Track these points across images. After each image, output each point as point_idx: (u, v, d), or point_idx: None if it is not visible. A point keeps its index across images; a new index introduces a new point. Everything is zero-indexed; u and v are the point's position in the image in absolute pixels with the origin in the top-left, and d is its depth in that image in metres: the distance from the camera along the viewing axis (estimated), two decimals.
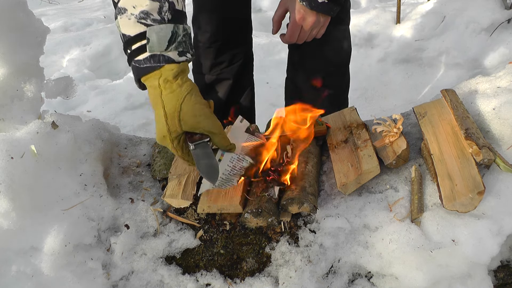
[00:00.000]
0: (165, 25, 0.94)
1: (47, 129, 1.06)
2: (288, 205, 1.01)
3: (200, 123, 0.95)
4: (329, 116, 1.30)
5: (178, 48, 0.95)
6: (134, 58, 0.96)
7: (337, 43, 1.56)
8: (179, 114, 0.94)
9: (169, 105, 0.94)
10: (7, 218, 0.94)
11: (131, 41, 0.96)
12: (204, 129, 0.96)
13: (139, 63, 0.96)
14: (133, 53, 0.96)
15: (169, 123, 0.94)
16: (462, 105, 1.11)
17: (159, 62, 0.95)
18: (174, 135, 0.95)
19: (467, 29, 2.59)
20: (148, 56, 0.94)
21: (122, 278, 1.03)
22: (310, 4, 1.23)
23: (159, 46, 0.94)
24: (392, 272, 0.95)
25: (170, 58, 0.95)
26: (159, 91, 0.95)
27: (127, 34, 0.96)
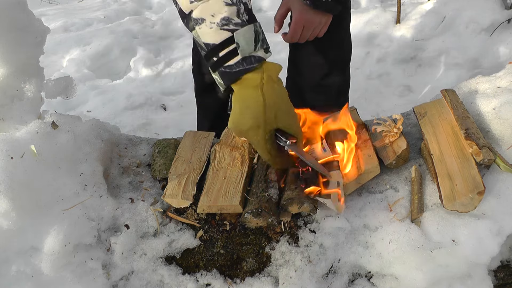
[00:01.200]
0: (247, 27, 0.95)
1: (47, 129, 1.06)
2: (288, 205, 1.01)
3: (292, 125, 1.00)
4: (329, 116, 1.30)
5: (263, 45, 0.98)
6: (224, 64, 0.97)
7: (338, 42, 1.56)
8: (277, 109, 0.97)
9: (270, 99, 0.96)
10: (7, 218, 0.94)
11: (217, 49, 0.96)
12: (294, 131, 1.00)
13: (231, 68, 0.96)
14: (222, 60, 0.96)
15: (267, 115, 0.96)
16: (462, 105, 1.11)
17: (251, 63, 0.96)
18: (269, 127, 0.97)
19: (467, 29, 2.58)
20: (240, 60, 0.95)
21: (122, 278, 1.03)
22: (314, 3, 1.22)
23: (249, 48, 0.95)
24: (392, 272, 0.95)
25: (260, 57, 0.97)
26: (259, 85, 0.96)
27: (211, 43, 0.96)
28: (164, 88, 2.81)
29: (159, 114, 2.56)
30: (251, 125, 0.97)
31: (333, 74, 1.60)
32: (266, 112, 0.96)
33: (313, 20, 1.28)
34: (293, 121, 1.01)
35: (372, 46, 2.86)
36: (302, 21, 1.28)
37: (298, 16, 1.28)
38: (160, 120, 2.50)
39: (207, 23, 0.94)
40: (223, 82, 1.00)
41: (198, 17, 0.95)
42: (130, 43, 3.34)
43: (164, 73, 3.00)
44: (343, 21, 1.54)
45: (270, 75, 0.98)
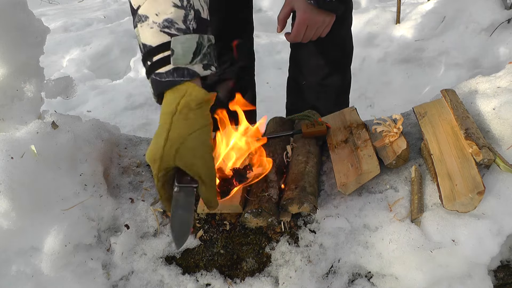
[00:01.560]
0: (190, 35, 0.86)
1: (47, 129, 1.06)
2: (288, 205, 1.01)
3: (195, 166, 0.83)
4: (329, 116, 1.30)
5: (203, 60, 0.88)
6: (155, 71, 0.87)
7: (340, 42, 1.57)
8: (180, 147, 0.83)
9: (175, 132, 0.83)
10: (7, 218, 0.94)
11: (152, 52, 0.87)
12: (196, 173, 0.84)
13: (161, 76, 0.86)
14: (155, 65, 0.87)
15: (166, 151, 0.83)
16: (462, 105, 1.11)
17: (182, 76, 0.86)
18: (164, 165, 0.83)
19: (467, 29, 2.59)
20: (171, 69, 0.86)
21: (122, 278, 1.03)
22: (317, 3, 1.22)
23: (184, 59, 0.85)
24: (392, 272, 0.95)
25: (195, 72, 0.87)
26: (172, 110, 0.85)
27: (148, 44, 0.87)
28: None
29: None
30: (150, 156, 0.84)
31: (334, 74, 1.60)
32: (166, 146, 0.82)
33: (317, 20, 1.28)
34: (199, 162, 0.83)
35: (372, 46, 2.86)
36: (306, 21, 1.28)
37: (302, 15, 1.28)
38: None
39: (149, 21, 0.86)
40: (153, 91, 0.90)
41: (143, 14, 0.87)
42: (130, 43, 3.34)
43: None
44: (345, 21, 1.54)
45: (188, 101, 0.84)
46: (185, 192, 0.86)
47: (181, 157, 0.82)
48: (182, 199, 0.86)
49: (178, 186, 0.85)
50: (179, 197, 0.86)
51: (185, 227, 0.87)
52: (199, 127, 0.84)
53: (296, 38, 1.33)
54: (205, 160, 0.84)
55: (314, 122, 1.22)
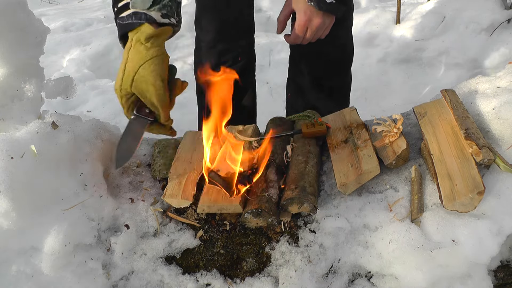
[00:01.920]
0: None
1: (47, 129, 1.06)
2: (288, 205, 1.01)
3: (147, 92, 0.96)
4: (329, 116, 1.30)
5: (162, 10, 0.97)
6: (119, 15, 0.99)
7: (341, 43, 1.56)
8: (134, 75, 0.95)
9: (130, 64, 0.96)
10: (7, 218, 0.94)
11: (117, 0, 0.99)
12: (149, 100, 0.96)
13: (122, 19, 0.98)
14: (119, 10, 0.99)
15: (124, 80, 0.96)
16: (462, 105, 1.11)
17: (140, 19, 0.96)
18: (123, 93, 0.98)
19: (467, 29, 2.59)
20: (131, 13, 0.97)
21: (122, 278, 1.03)
22: (318, 5, 1.22)
23: (142, 4, 0.96)
24: (392, 272, 0.95)
25: (151, 17, 0.96)
26: (129, 46, 0.97)
27: None
28: None
29: None
30: (115, 88, 0.99)
31: (334, 75, 1.60)
32: (124, 77, 0.96)
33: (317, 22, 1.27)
34: (151, 89, 0.95)
35: (372, 46, 2.86)
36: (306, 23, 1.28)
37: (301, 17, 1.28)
38: None
39: None
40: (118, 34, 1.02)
41: None
42: None
43: None
44: (346, 22, 1.54)
45: (139, 37, 0.96)
46: (139, 122, 1.00)
47: (136, 85, 0.95)
48: (134, 127, 1.01)
49: (134, 115, 0.99)
50: (132, 125, 1.01)
51: (129, 153, 1.03)
52: (149, 58, 0.95)
53: (295, 40, 1.33)
54: (155, 87, 0.95)
55: (314, 122, 1.22)
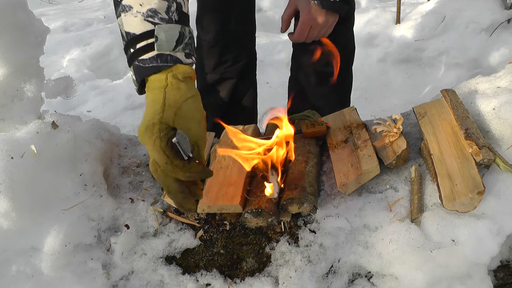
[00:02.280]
0: (173, 25, 0.90)
1: (47, 129, 1.06)
2: (288, 205, 1.01)
3: (191, 130, 0.88)
4: (329, 116, 1.30)
5: (185, 49, 0.92)
6: (138, 57, 0.91)
7: (343, 42, 1.56)
8: (177, 111, 0.87)
9: (171, 98, 0.88)
10: (7, 218, 0.94)
11: (135, 40, 0.91)
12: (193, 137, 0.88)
13: (144, 62, 0.90)
14: (138, 52, 0.91)
15: (165, 113, 0.87)
16: (462, 105, 1.11)
17: (166, 62, 0.90)
18: (164, 126, 0.86)
19: (467, 29, 2.59)
20: (155, 55, 0.89)
21: (122, 278, 1.03)
22: (322, 3, 1.22)
23: (167, 45, 0.89)
24: (392, 272, 0.95)
25: (178, 58, 0.91)
26: (164, 84, 0.89)
27: (132, 32, 0.91)
28: None
29: None
30: (147, 124, 0.86)
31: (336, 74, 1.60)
32: (165, 110, 0.87)
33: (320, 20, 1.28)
34: (194, 126, 0.88)
35: (372, 46, 2.86)
36: (309, 21, 1.29)
37: (305, 16, 1.28)
38: None
39: (133, 11, 0.90)
40: (135, 78, 0.93)
41: (126, 4, 0.91)
42: None
43: None
44: (348, 21, 1.54)
45: (175, 74, 0.90)
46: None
47: (179, 120, 0.87)
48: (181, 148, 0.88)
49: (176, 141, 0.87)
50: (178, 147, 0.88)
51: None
52: (191, 95, 0.90)
53: (299, 38, 1.34)
54: (199, 124, 0.90)
55: (314, 122, 1.22)
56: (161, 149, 0.86)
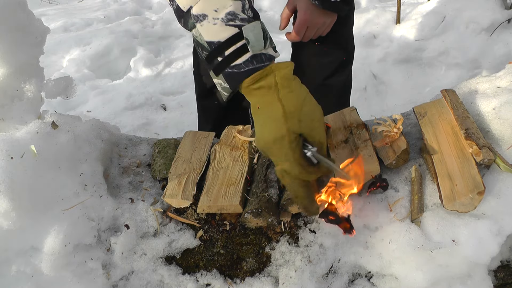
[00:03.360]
0: (255, 22, 0.87)
1: (47, 129, 1.06)
2: (288, 205, 1.01)
3: (317, 129, 0.87)
4: (329, 116, 1.30)
5: (272, 44, 0.90)
6: (230, 64, 0.87)
7: (342, 42, 1.56)
8: (299, 114, 0.85)
9: (290, 104, 0.85)
10: (7, 218, 0.94)
11: (223, 47, 0.87)
12: (317, 137, 0.87)
13: (239, 67, 0.87)
14: (228, 59, 0.87)
15: (289, 122, 0.85)
16: (462, 105, 1.11)
17: (262, 62, 0.87)
18: (293, 136, 0.85)
19: (467, 29, 2.59)
20: (250, 58, 0.86)
21: (122, 278, 1.03)
22: (322, 4, 1.21)
23: (258, 45, 0.86)
24: (392, 272, 0.95)
25: (271, 55, 0.88)
26: (275, 90, 0.86)
27: (216, 41, 0.87)
28: (164, 88, 2.81)
29: (159, 114, 2.57)
30: (274, 137, 0.85)
31: (335, 74, 1.59)
32: (288, 119, 0.85)
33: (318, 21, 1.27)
34: (317, 127, 0.87)
35: (372, 46, 2.86)
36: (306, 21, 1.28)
37: (303, 15, 1.28)
38: (160, 120, 2.50)
39: (209, 19, 0.86)
40: (229, 86, 0.90)
41: (199, 14, 0.86)
42: (130, 43, 3.34)
43: (164, 73, 3.01)
44: (348, 21, 1.54)
45: (285, 75, 0.87)
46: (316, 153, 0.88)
47: (304, 124, 0.86)
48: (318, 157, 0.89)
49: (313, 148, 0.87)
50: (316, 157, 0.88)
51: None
52: (306, 93, 0.88)
53: (296, 37, 1.33)
54: (321, 122, 0.89)
55: None
56: (295, 160, 0.86)
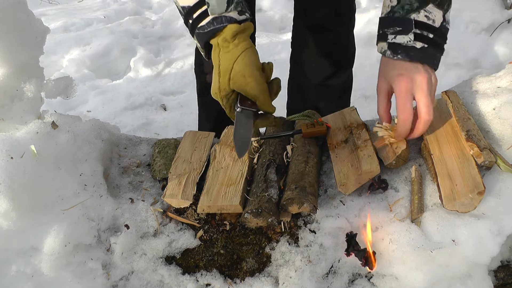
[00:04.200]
0: None
1: (47, 129, 1.06)
2: (288, 205, 1.01)
3: (248, 85, 0.95)
4: (329, 116, 1.30)
5: (237, 7, 0.97)
6: (197, 25, 0.99)
7: (343, 43, 1.56)
8: (230, 73, 0.95)
9: (224, 64, 0.97)
10: (7, 218, 0.94)
11: (191, 11, 0.98)
12: (249, 92, 0.95)
13: (203, 28, 0.98)
14: (196, 21, 0.99)
15: (221, 81, 0.97)
16: (463, 106, 1.11)
17: (222, 22, 0.96)
18: (223, 93, 0.98)
19: (467, 29, 2.59)
20: (211, 19, 0.96)
21: (122, 278, 1.03)
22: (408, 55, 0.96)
23: (219, 8, 0.95)
24: (392, 272, 0.95)
25: (232, 17, 0.96)
26: (218, 50, 0.98)
27: (186, 5, 0.99)
28: (164, 88, 2.81)
29: (159, 114, 2.57)
30: (213, 92, 1.00)
31: (336, 75, 1.59)
32: (220, 79, 0.97)
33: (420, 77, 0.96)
34: (248, 82, 0.95)
35: (372, 46, 2.84)
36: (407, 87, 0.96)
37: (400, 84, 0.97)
38: (160, 120, 2.50)
39: None
40: (199, 45, 1.02)
41: None
42: (130, 43, 3.34)
43: (164, 73, 3.01)
44: (349, 23, 1.54)
45: (225, 37, 0.96)
46: (245, 113, 1.00)
47: (233, 82, 0.96)
48: (243, 119, 1.00)
49: (240, 107, 0.99)
50: (240, 117, 1.00)
51: (246, 142, 1.01)
52: (241, 52, 0.96)
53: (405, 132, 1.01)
54: (254, 77, 0.95)
55: (314, 122, 1.22)
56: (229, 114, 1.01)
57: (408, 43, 0.96)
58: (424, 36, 0.96)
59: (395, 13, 0.97)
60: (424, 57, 0.97)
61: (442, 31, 0.99)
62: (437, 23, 0.97)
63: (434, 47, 0.98)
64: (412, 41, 0.95)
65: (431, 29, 0.97)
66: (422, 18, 0.96)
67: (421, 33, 0.96)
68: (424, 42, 0.97)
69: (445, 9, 0.98)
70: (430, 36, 0.97)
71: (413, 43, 0.95)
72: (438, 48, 1.00)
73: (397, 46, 0.97)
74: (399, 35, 0.96)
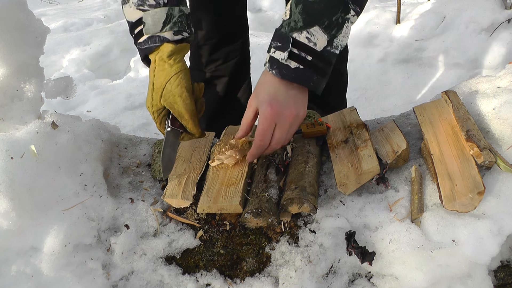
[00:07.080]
0: (159, 9, 1.03)
1: (47, 129, 1.06)
2: (288, 205, 1.01)
3: (176, 103, 1.02)
4: (329, 116, 1.30)
5: (173, 28, 1.04)
6: (137, 41, 1.08)
7: None
8: (162, 91, 1.03)
9: (158, 81, 1.04)
10: (7, 218, 0.94)
11: (132, 27, 1.08)
12: (177, 110, 1.03)
13: (141, 45, 1.07)
14: (136, 36, 1.08)
15: (153, 97, 1.05)
16: (463, 106, 1.11)
17: (155, 42, 1.04)
18: (155, 108, 1.05)
19: (467, 29, 2.59)
20: (146, 38, 1.05)
21: (122, 278, 1.03)
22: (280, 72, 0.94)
23: (154, 28, 1.03)
24: (392, 272, 0.95)
25: (165, 38, 1.04)
26: (154, 66, 1.06)
27: (130, 21, 1.08)
28: None
29: None
30: (146, 104, 1.08)
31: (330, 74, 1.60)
32: (153, 95, 1.05)
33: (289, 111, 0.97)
34: (177, 101, 1.02)
35: (372, 46, 2.86)
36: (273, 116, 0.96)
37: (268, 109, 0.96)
38: None
39: (130, 2, 1.05)
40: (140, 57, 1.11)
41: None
42: (130, 43, 3.32)
43: None
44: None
45: (161, 56, 1.04)
46: (173, 133, 1.08)
47: (164, 99, 1.03)
48: (171, 138, 1.08)
49: (169, 127, 1.07)
50: (169, 137, 1.07)
51: (170, 163, 1.11)
52: (174, 73, 1.03)
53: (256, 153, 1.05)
54: (182, 98, 1.02)
55: (314, 122, 1.22)
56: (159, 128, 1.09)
57: (282, 60, 0.93)
58: (302, 57, 0.93)
59: (282, 27, 0.94)
60: (296, 78, 0.94)
61: (324, 55, 0.94)
62: (318, 47, 0.92)
63: (313, 70, 0.94)
64: (285, 59, 0.93)
65: (311, 51, 0.92)
66: (303, 39, 0.92)
67: (298, 53, 0.92)
68: (299, 62, 0.93)
69: (333, 35, 0.92)
70: (309, 58, 0.93)
71: (288, 61, 0.93)
72: (319, 72, 0.95)
73: (274, 60, 0.94)
74: (278, 50, 0.93)
